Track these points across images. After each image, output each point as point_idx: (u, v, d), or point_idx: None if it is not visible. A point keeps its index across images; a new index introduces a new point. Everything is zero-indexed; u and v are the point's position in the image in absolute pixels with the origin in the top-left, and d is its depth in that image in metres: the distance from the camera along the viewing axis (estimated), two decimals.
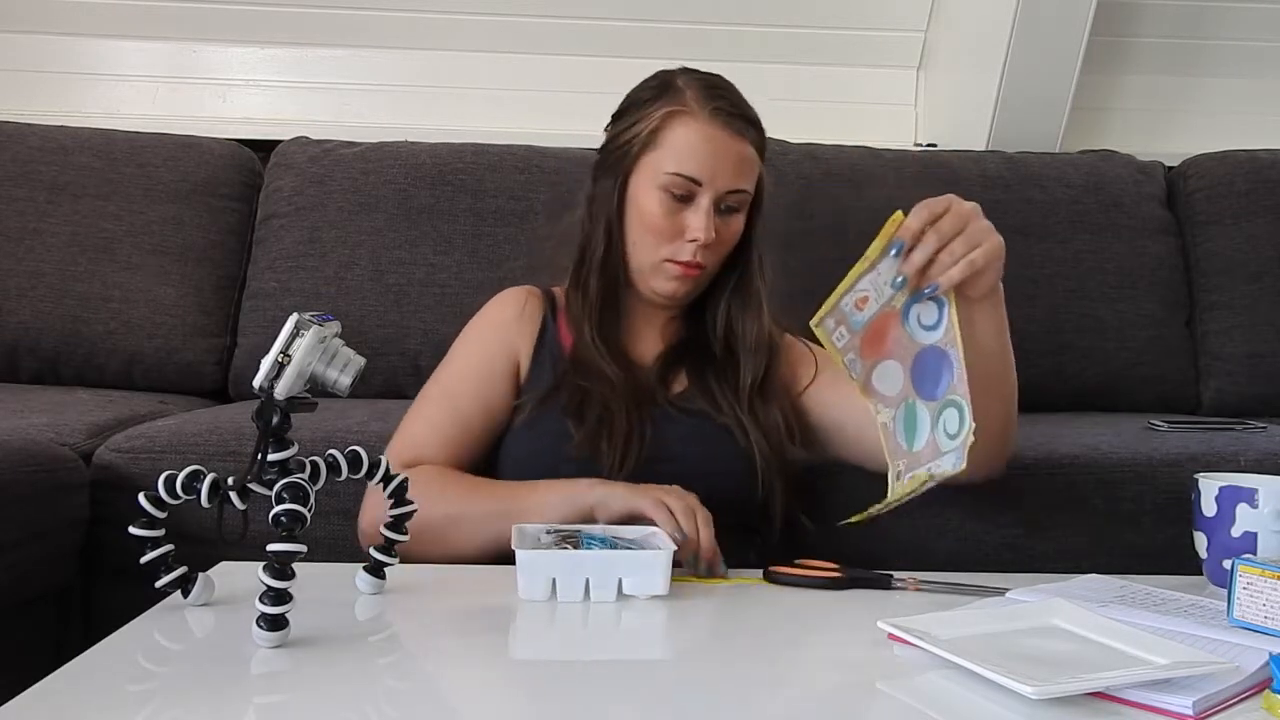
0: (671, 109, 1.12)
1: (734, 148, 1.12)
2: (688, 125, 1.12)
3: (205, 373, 1.78)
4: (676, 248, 1.13)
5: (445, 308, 1.72)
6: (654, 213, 1.13)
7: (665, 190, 1.12)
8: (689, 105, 1.12)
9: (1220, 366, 1.88)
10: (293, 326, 0.72)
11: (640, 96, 1.17)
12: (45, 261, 1.75)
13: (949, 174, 1.89)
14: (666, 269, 1.14)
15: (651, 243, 1.14)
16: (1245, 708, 0.67)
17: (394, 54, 2.17)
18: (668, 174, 1.11)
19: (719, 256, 1.16)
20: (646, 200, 1.13)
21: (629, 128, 1.15)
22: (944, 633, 0.73)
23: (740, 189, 1.13)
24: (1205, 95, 2.30)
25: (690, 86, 1.14)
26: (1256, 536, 0.92)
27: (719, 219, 1.13)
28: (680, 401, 1.15)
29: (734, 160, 1.12)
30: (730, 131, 1.12)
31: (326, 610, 0.81)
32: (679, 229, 1.12)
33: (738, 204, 1.15)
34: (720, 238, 1.13)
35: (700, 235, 1.11)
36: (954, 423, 0.96)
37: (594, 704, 0.65)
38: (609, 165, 1.17)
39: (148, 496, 0.78)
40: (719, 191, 1.12)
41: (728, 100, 1.13)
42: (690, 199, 1.12)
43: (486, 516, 1.01)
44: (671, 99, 1.13)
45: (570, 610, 0.83)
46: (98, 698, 0.63)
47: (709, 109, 1.11)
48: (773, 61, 2.19)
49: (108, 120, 1.97)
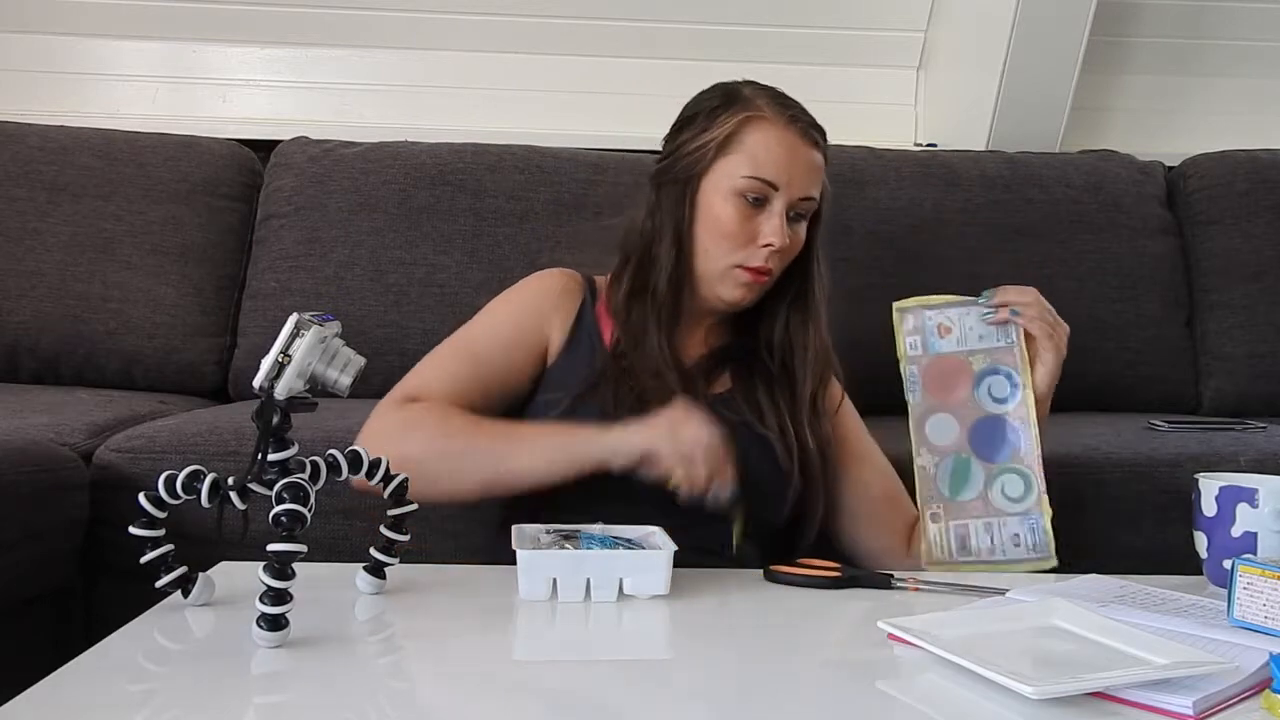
0: (748, 114, 1.12)
1: (808, 154, 1.13)
2: (765, 130, 1.12)
3: (205, 373, 1.78)
4: (749, 253, 1.12)
5: (445, 308, 1.72)
6: (729, 217, 1.12)
7: (740, 195, 1.11)
8: (764, 111, 1.12)
9: (1220, 366, 1.88)
10: (293, 326, 0.72)
11: (707, 105, 1.16)
12: (45, 261, 1.75)
13: (949, 174, 1.89)
14: (736, 275, 1.13)
15: (725, 248, 1.13)
16: (1245, 708, 0.67)
17: (394, 54, 2.17)
18: (745, 177, 1.11)
19: (785, 264, 1.16)
20: (721, 205, 1.12)
21: (699, 134, 1.14)
22: (944, 633, 0.73)
23: (811, 196, 1.14)
24: (1205, 95, 2.29)
25: (760, 95, 1.14)
26: (1256, 536, 0.92)
27: (789, 226, 1.13)
28: (721, 404, 1.13)
29: (807, 167, 1.13)
30: (806, 140, 1.13)
31: (326, 610, 0.81)
32: (752, 234, 1.12)
33: (806, 212, 1.15)
34: (789, 245, 1.13)
35: (775, 240, 1.10)
36: (1016, 488, 0.99)
37: (595, 704, 0.65)
38: (676, 172, 1.16)
39: (148, 496, 0.78)
40: (793, 197, 1.12)
41: (799, 109, 1.15)
42: (764, 204, 1.12)
43: (477, 454, 1.01)
44: (745, 106, 1.13)
45: (571, 610, 0.83)
46: (98, 698, 0.63)
47: (786, 115, 1.12)
48: (773, 61, 2.18)
49: (108, 120, 1.97)
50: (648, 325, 1.14)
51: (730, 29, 2.15)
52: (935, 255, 1.82)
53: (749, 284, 1.14)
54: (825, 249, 1.20)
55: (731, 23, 2.15)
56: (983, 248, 1.84)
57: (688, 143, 1.16)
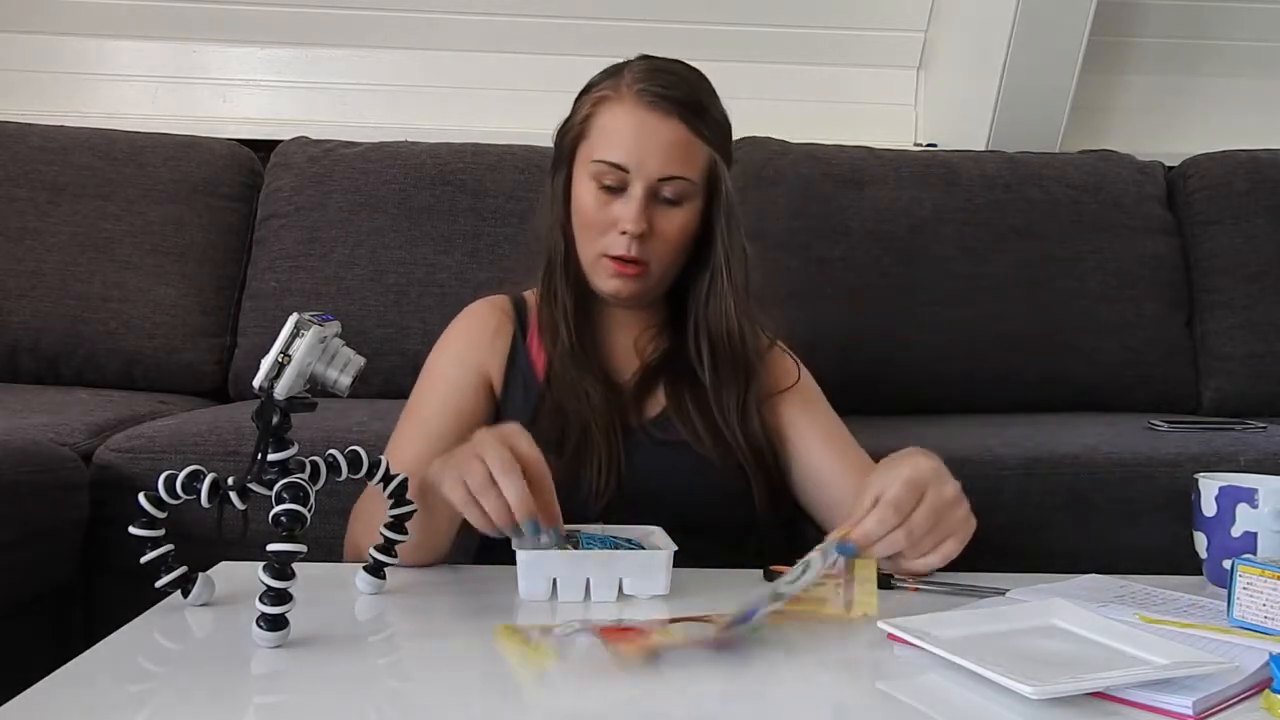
0: (603, 94, 1.07)
1: (665, 131, 1.04)
2: (613, 110, 1.06)
3: (205, 373, 1.78)
4: (610, 241, 1.06)
5: (445, 308, 1.71)
6: (586, 205, 1.07)
7: (595, 180, 1.06)
8: (620, 89, 1.06)
9: (1220, 366, 1.88)
10: (293, 326, 0.72)
11: (591, 82, 1.11)
12: (45, 261, 1.75)
13: (949, 174, 1.90)
14: (604, 265, 1.07)
15: (589, 237, 1.08)
16: (1245, 708, 0.67)
17: (394, 54, 2.17)
18: (594, 162, 1.05)
19: (665, 253, 1.08)
20: (581, 192, 1.07)
21: (571, 116, 1.11)
22: (944, 633, 0.73)
23: (675, 176, 1.05)
24: (1205, 95, 2.30)
25: (632, 70, 1.07)
26: (1256, 536, 0.92)
27: (657, 210, 1.06)
28: (657, 428, 1.09)
29: (665, 144, 1.04)
30: (659, 113, 1.04)
31: (326, 610, 0.81)
32: (611, 221, 1.06)
33: (675, 194, 1.06)
34: (660, 231, 1.06)
35: (629, 226, 1.04)
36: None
37: (595, 704, 0.65)
38: (556, 158, 1.12)
39: (148, 496, 0.77)
40: (650, 179, 1.04)
41: (662, 82, 1.05)
42: (622, 189, 1.05)
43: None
44: (608, 84, 1.07)
45: (571, 611, 0.83)
46: (98, 698, 0.63)
47: (636, 89, 1.05)
48: (773, 61, 2.19)
49: (108, 120, 1.98)
50: (559, 328, 1.09)
51: (730, 29, 2.16)
52: (935, 255, 1.83)
53: (618, 275, 1.07)
54: (734, 228, 1.10)
55: (732, 23, 2.16)
56: (983, 248, 1.84)
57: (566, 122, 1.11)
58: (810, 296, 1.76)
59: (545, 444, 0.96)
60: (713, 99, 1.10)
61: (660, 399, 1.11)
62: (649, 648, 0.71)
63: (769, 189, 1.83)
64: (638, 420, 1.09)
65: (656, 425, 1.09)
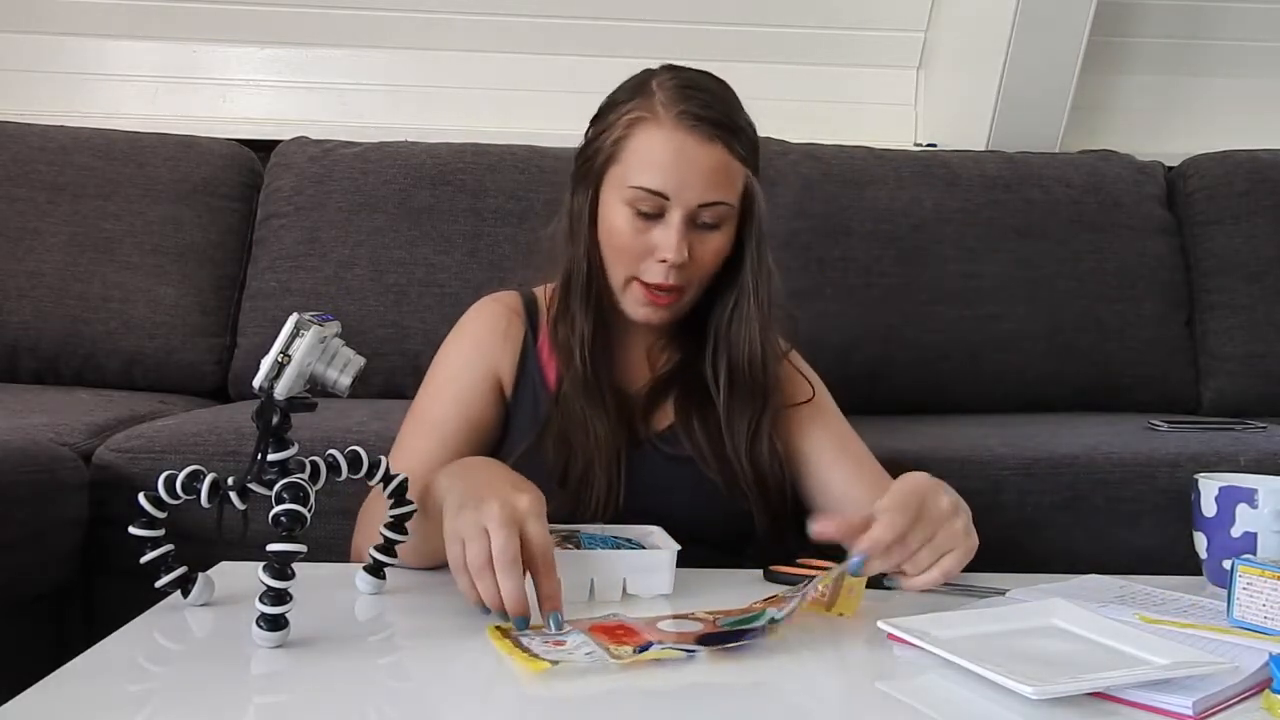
0: (636, 115, 1.02)
1: (705, 156, 1.00)
2: (651, 133, 1.00)
3: (205, 373, 1.78)
4: (645, 268, 1.02)
5: (445, 308, 1.72)
6: (620, 230, 1.02)
7: (631, 206, 1.01)
8: (655, 110, 1.01)
9: (1220, 366, 1.88)
10: (293, 326, 0.72)
11: (616, 98, 1.06)
12: (45, 261, 1.75)
13: (949, 174, 1.90)
14: (635, 292, 1.04)
15: (621, 262, 1.04)
16: (1245, 708, 0.67)
17: (394, 54, 2.17)
18: (631, 188, 1.01)
19: (699, 278, 1.05)
20: (613, 216, 1.03)
21: (599, 135, 1.05)
22: (944, 633, 0.73)
23: (716, 201, 1.01)
24: (1205, 95, 2.29)
25: (663, 88, 1.02)
26: (1256, 536, 0.92)
27: (695, 236, 1.02)
28: (664, 442, 1.07)
29: (705, 170, 1.00)
30: (699, 137, 1.00)
31: (326, 610, 0.81)
32: (648, 248, 1.02)
33: (715, 219, 1.03)
34: (697, 257, 1.02)
35: (670, 255, 1.00)
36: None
37: (596, 705, 0.65)
38: (582, 176, 1.08)
39: (148, 496, 0.77)
40: (690, 206, 1.00)
41: (699, 102, 1.01)
42: (659, 215, 1.01)
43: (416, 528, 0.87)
44: (640, 103, 1.02)
45: (574, 611, 0.83)
46: (98, 698, 0.63)
47: (675, 113, 1.00)
48: (773, 61, 2.18)
49: (108, 120, 1.97)
50: (573, 353, 1.05)
51: (730, 29, 2.16)
52: (935, 255, 1.83)
53: (651, 303, 1.04)
54: (763, 251, 1.08)
55: (732, 23, 2.16)
56: (983, 248, 1.84)
57: (591, 142, 1.07)
58: (810, 296, 1.76)
59: (549, 471, 0.98)
60: (741, 110, 1.07)
61: (669, 412, 1.09)
62: (643, 645, 0.71)
63: (769, 189, 1.79)
64: (646, 432, 1.07)
65: (664, 439, 1.08)
